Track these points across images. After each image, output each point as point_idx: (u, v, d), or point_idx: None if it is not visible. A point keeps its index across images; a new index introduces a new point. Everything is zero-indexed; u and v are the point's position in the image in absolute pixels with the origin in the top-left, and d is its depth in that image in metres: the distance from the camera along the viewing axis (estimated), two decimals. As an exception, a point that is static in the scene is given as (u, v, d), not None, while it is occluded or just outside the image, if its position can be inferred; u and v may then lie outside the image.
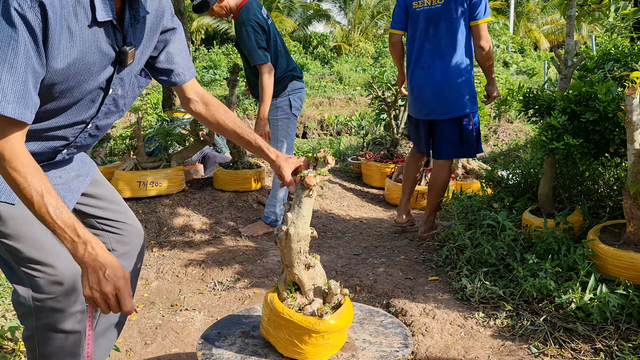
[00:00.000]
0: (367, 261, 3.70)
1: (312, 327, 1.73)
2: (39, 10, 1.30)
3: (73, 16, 1.38)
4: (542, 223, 3.19)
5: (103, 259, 1.38)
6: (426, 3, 3.69)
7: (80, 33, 1.42)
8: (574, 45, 3.24)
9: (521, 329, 2.64)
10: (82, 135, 1.70)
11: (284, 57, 4.24)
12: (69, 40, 1.40)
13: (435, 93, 3.75)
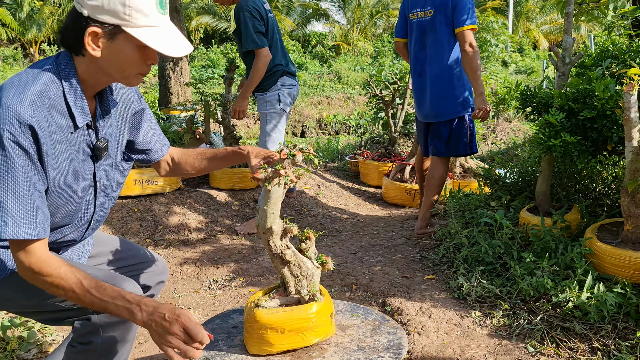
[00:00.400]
0: (364, 260, 3.67)
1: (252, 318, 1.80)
2: (30, 132, 1.39)
3: (59, 129, 1.48)
4: (540, 221, 3.17)
5: (158, 308, 1.42)
6: (419, 15, 3.92)
7: (67, 142, 1.52)
8: (571, 42, 3.22)
9: (518, 328, 2.62)
10: (87, 233, 1.81)
11: (280, 52, 4.21)
12: (60, 153, 1.49)
13: (430, 98, 3.97)
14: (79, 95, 1.52)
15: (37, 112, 1.41)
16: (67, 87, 1.49)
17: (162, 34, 1.49)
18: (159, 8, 1.48)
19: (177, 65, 6.25)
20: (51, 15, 23.45)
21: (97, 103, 1.62)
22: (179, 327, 1.39)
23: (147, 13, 1.44)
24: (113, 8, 1.41)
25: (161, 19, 1.49)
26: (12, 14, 22.70)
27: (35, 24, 23.00)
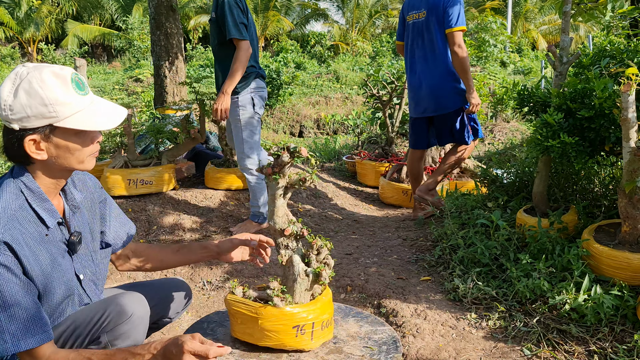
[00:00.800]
0: (359, 261, 3.64)
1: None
2: (7, 248, 1.44)
3: (34, 236, 1.53)
4: (536, 222, 3.14)
5: (166, 347, 1.49)
6: (414, 17, 4.28)
7: (45, 245, 1.56)
8: (569, 41, 3.18)
9: (514, 330, 2.59)
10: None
11: (254, 53, 4.06)
12: (41, 257, 1.54)
13: (426, 93, 4.29)
14: (42, 198, 1.57)
15: (7, 228, 1.46)
16: (29, 195, 1.55)
17: (92, 112, 1.55)
18: (78, 91, 1.53)
19: (172, 64, 6.22)
20: (49, 14, 23.40)
21: (64, 200, 1.69)
22: (189, 356, 1.46)
23: (69, 102, 1.50)
24: (37, 112, 1.47)
25: (85, 100, 1.55)
26: (10, 13, 22.65)
27: (33, 23, 22.95)
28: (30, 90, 1.46)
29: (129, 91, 14.63)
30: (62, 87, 1.50)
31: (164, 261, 2.03)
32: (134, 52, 19.21)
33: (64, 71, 1.52)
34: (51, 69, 1.51)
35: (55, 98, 1.47)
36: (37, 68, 1.50)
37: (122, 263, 2.02)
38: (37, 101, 1.46)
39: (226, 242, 2.03)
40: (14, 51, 20.63)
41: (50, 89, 1.48)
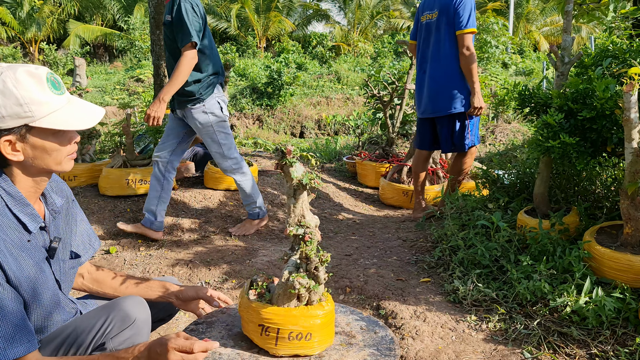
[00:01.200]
0: (359, 262, 3.61)
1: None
2: None
3: (16, 242, 1.49)
4: (537, 224, 3.11)
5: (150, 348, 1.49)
6: (427, 17, 4.34)
7: (28, 251, 1.53)
8: (570, 41, 3.15)
9: (514, 332, 2.56)
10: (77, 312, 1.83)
11: (217, 57, 3.92)
12: (24, 264, 1.50)
13: (427, 94, 4.34)
14: (22, 202, 1.53)
15: None
16: (9, 199, 1.51)
17: (68, 112, 1.52)
18: (54, 91, 1.50)
19: (172, 64, 6.18)
20: (51, 14, 23.41)
21: (44, 204, 1.66)
22: (174, 353, 1.46)
23: (45, 101, 1.47)
24: (12, 112, 1.43)
25: (61, 100, 1.52)
26: (12, 13, 22.66)
27: (35, 23, 22.96)
28: (4, 89, 1.42)
29: (130, 91, 14.63)
30: (38, 86, 1.47)
31: (117, 292, 1.96)
32: (135, 52, 19.22)
33: (39, 70, 1.49)
34: (26, 68, 1.47)
35: (30, 97, 1.44)
36: (11, 68, 1.46)
37: (78, 280, 1.97)
38: (12, 101, 1.42)
39: (190, 291, 1.97)
40: (15, 51, 20.62)
41: (25, 88, 1.45)
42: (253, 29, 23.98)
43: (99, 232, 4.11)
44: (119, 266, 3.69)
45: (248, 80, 14.91)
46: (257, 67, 16.25)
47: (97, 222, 4.27)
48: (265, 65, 16.09)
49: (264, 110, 13.66)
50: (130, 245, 4.00)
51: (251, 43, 21.96)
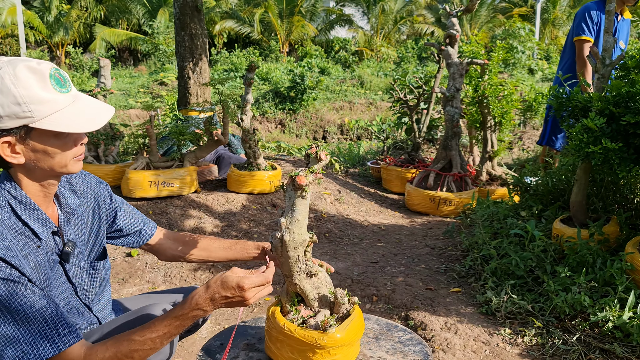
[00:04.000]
0: (385, 270, 3.49)
1: (315, 342, 1.54)
2: (4, 263, 1.29)
3: (27, 247, 1.38)
4: (575, 233, 2.96)
5: (213, 294, 1.43)
6: None
7: (38, 257, 1.42)
8: (612, 42, 3.01)
9: (552, 348, 2.42)
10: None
11: None
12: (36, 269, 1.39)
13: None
14: (32, 208, 1.42)
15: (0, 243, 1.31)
16: (16, 204, 1.40)
17: (73, 112, 1.38)
18: (58, 88, 1.36)
19: (196, 65, 6.15)
20: (78, 18, 23.72)
21: (57, 207, 1.54)
22: (251, 291, 1.43)
23: (46, 100, 1.33)
24: (10, 112, 1.30)
25: (66, 98, 1.38)
26: (40, 17, 23.01)
27: (62, 27, 23.28)
28: (2, 87, 1.29)
29: (153, 94, 14.70)
30: (39, 83, 1.33)
31: (211, 255, 1.88)
32: (159, 56, 19.34)
33: (41, 66, 1.35)
34: (27, 63, 1.33)
35: (29, 96, 1.30)
36: (11, 63, 1.32)
37: (161, 254, 1.89)
38: (10, 99, 1.29)
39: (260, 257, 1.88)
40: (42, 54, 20.92)
41: (25, 86, 1.31)
42: (276, 33, 23.98)
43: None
44: (140, 269, 3.62)
45: (271, 85, 14.87)
46: (279, 71, 16.22)
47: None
48: (289, 69, 16.03)
49: (287, 115, 13.61)
50: (152, 249, 3.94)
51: (274, 47, 21.96)
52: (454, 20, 5.25)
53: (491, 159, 5.49)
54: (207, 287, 1.43)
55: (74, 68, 19.09)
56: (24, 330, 1.29)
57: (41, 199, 1.46)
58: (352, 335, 1.60)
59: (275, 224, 4.50)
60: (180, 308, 1.42)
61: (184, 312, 1.41)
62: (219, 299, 1.43)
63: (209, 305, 1.42)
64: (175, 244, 1.89)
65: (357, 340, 1.66)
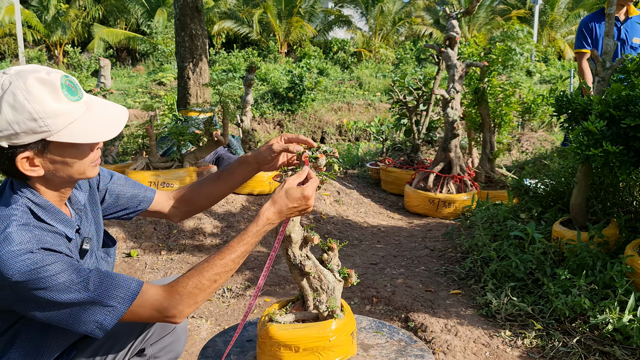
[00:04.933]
0: (385, 271, 3.50)
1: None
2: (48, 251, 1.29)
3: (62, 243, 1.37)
4: (575, 236, 2.97)
5: (281, 207, 1.50)
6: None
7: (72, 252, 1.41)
8: (612, 46, 3.02)
9: (552, 350, 2.43)
10: None
11: None
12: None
13: None
14: (54, 210, 1.41)
15: (33, 238, 1.30)
16: (40, 211, 1.39)
17: (89, 121, 1.36)
18: (70, 97, 1.33)
19: (196, 66, 6.15)
20: (76, 18, 23.68)
21: (69, 206, 1.53)
22: (312, 198, 1.51)
23: (62, 112, 1.30)
24: (27, 128, 1.28)
25: (79, 106, 1.35)
26: (38, 16, 22.97)
27: (61, 27, 23.24)
28: (15, 104, 1.25)
29: (152, 94, 14.68)
30: (52, 95, 1.29)
31: (210, 195, 1.83)
32: (158, 56, 19.31)
33: (51, 76, 1.31)
34: (36, 75, 1.29)
35: (44, 111, 1.27)
36: (20, 76, 1.28)
37: (173, 217, 1.86)
38: (25, 116, 1.26)
39: (266, 152, 1.71)
40: (41, 54, 20.87)
41: (38, 100, 1.27)
42: (275, 34, 23.97)
43: (119, 235, 4.06)
44: (140, 270, 3.62)
45: (269, 85, 14.86)
46: (278, 71, 16.20)
47: (117, 224, 4.22)
48: (287, 70, 16.02)
49: (285, 115, 13.60)
50: (152, 249, 3.94)
51: (273, 48, 21.94)
52: (454, 22, 5.26)
53: (490, 160, 5.50)
54: (274, 202, 1.50)
55: (72, 67, 19.06)
56: (96, 291, 1.32)
57: (58, 203, 1.45)
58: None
59: (274, 225, 4.50)
60: (254, 225, 1.48)
61: (258, 228, 1.47)
62: (287, 210, 1.50)
63: (278, 217, 1.50)
64: (179, 204, 1.85)
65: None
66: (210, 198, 1.83)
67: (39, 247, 1.28)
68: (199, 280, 1.40)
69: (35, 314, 1.31)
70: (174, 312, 1.39)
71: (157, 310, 1.39)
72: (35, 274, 1.25)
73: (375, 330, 1.96)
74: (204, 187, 1.82)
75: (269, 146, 1.69)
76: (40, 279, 1.26)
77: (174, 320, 1.41)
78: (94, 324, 1.33)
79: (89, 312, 1.32)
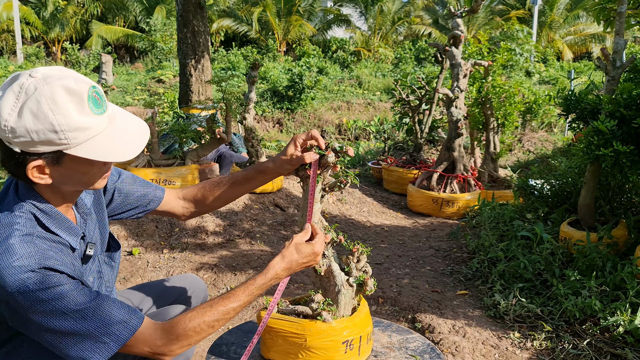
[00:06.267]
0: (390, 271, 3.46)
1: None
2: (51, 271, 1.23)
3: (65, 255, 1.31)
4: (583, 236, 2.94)
5: (291, 262, 1.52)
6: None
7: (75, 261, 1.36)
8: (623, 44, 2.99)
9: (562, 352, 2.40)
10: None
11: None
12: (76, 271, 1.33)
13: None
14: (59, 217, 1.35)
15: (36, 253, 1.23)
16: (42, 215, 1.32)
17: (110, 137, 1.27)
18: (95, 110, 1.24)
19: (199, 62, 6.10)
20: (74, 14, 23.58)
21: (74, 210, 1.46)
22: (320, 254, 1.57)
23: (84, 126, 1.22)
24: (45, 138, 1.19)
25: (102, 121, 1.26)
26: (36, 13, 22.87)
27: (59, 23, 23.14)
28: (38, 112, 1.17)
29: (151, 92, 14.62)
30: (77, 107, 1.21)
31: (223, 198, 1.78)
32: (157, 54, 19.24)
33: (79, 85, 1.21)
34: (64, 82, 1.20)
35: (68, 124, 1.19)
36: (47, 82, 1.19)
37: (181, 215, 1.81)
38: (46, 126, 1.18)
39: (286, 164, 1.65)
40: (39, 50, 20.79)
41: (63, 112, 1.18)
42: (274, 32, 23.92)
43: (121, 233, 4.01)
44: (142, 268, 3.58)
45: (269, 84, 14.82)
46: (277, 70, 16.15)
47: (119, 222, 4.17)
48: (287, 68, 15.97)
49: (285, 114, 13.57)
50: (154, 248, 3.89)
51: (272, 47, 21.90)
52: (459, 21, 5.23)
53: (493, 160, 5.47)
54: (284, 257, 1.52)
55: (71, 65, 18.98)
56: (92, 323, 1.26)
57: (64, 208, 1.39)
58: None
59: (277, 224, 4.46)
60: (262, 277, 1.47)
61: (264, 282, 1.47)
62: (296, 265, 1.53)
63: (286, 273, 1.52)
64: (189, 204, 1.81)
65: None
66: (222, 200, 1.79)
67: (41, 265, 1.21)
68: (198, 323, 1.38)
69: (26, 331, 1.26)
70: (164, 351, 1.35)
71: (150, 346, 1.35)
72: (34, 295, 1.20)
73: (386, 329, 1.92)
74: (217, 190, 1.77)
75: (287, 159, 1.64)
76: (38, 302, 1.20)
77: (161, 358, 1.37)
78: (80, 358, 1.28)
79: (78, 345, 1.27)
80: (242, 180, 1.74)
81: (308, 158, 1.61)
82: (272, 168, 1.68)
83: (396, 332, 1.98)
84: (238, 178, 1.75)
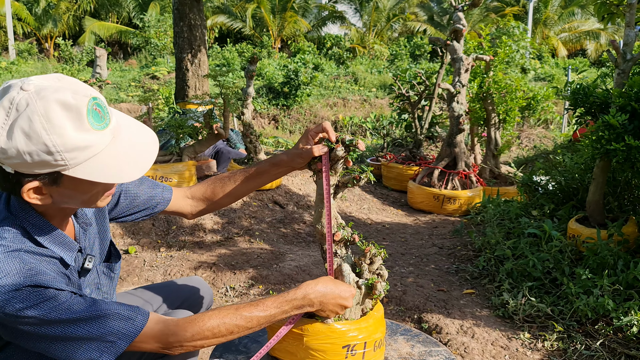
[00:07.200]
0: (394, 270, 3.38)
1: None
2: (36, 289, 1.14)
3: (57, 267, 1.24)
4: (593, 233, 2.87)
5: (323, 299, 1.46)
6: None
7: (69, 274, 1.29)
8: (634, 37, 2.91)
9: (575, 353, 2.32)
10: None
11: None
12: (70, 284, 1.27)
13: None
14: (53, 232, 1.24)
15: (22, 269, 1.14)
16: (35, 231, 1.21)
17: (113, 155, 1.16)
18: (96, 124, 1.11)
19: (195, 57, 5.99)
20: (67, 10, 23.37)
21: (73, 220, 1.36)
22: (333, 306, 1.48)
23: (84, 145, 1.09)
24: (40, 160, 1.07)
25: (104, 137, 1.14)
26: (28, 9, 22.64)
27: (51, 19, 22.93)
28: (30, 132, 1.05)
29: (145, 88, 14.47)
30: (75, 124, 1.08)
31: (234, 194, 1.69)
32: (151, 50, 19.09)
33: (77, 99, 1.08)
34: (60, 96, 1.07)
35: (64, 144, 1.07)
36: (40, 96, 1.06)
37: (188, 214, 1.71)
38: (40, 147, 1.05)
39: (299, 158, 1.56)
40: (31, 46, 20.57)
41: (59, 130, 1.06)
42: (268, 29, 23.80)
43: (116, 231, 3.91)
44: (139, 267, 3.48)
45: (264, 80, 14.72)
46: (272, 66, 16.05)
47: (115, 220, 4.08)
48: (282, 65, 15.87)
49: (280, 110, 13.47)
50: (150, 246, 3.80)
51: (266, 43, 21.78)
52: (460, 15, 5.15)
53: (495, 156, 5.40)
54: (318, 282, 1.46)
55: (64, 61, 18.80)
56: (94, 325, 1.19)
57: (60, 220, 1.28)
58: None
59: (276, 221, 4.38)
60: (292, 293, 1.41)
61: (295, 297, 1.41)
62: (328, 311, 1.48)
63: (317, 307, 1.45)
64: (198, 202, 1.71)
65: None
66: (233, 196, 1.69)
67: (26, 283, 1.12)
68: (217, 323, 1.30)
69: (22, 343, 1.17)
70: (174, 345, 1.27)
71: (160, 342, 1.27)
72: (21, 312, 1.11)
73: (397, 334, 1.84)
74: (228, 186, 1.67)
75: (298, 152, 1.55)
76: (25, 318, 1.11)
77: (171, 352, 1.28)
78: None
79: (84, 348, 1.19)
80: (255, 174, 1.65)
81: (317, 151, 1.52)
82: (286, 161, 1.59)
83: (422, 343, 1.89)
84: (251, 172, 1.65)
